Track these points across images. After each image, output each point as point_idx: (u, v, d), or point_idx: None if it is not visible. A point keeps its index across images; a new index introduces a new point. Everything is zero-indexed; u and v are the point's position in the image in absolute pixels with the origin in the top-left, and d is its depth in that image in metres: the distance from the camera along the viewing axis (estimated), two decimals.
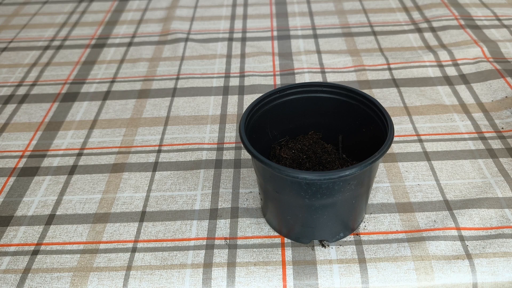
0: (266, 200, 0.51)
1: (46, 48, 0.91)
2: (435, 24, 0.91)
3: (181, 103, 0.74)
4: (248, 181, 0.59)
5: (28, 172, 0.62)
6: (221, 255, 0.50)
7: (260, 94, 0.71)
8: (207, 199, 0.57)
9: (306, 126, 0.57)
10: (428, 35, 0.88)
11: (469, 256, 0.48)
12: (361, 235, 0.51)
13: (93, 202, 0.57)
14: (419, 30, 0.90)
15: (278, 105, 0.54)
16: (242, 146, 0.58)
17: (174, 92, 0.76)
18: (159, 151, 0.64)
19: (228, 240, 0.52)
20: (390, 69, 0.78)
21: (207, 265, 0.49)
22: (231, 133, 0.67)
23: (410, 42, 0.86)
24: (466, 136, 0.64)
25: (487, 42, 0.83)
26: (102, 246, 0.52)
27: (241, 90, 0.75)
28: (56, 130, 0.69)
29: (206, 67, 0.82)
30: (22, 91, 0.79)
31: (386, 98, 0.72)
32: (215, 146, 0.65)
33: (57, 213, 0.56)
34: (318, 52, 0.84)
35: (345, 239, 0.51)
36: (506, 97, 0.70)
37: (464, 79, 0.75)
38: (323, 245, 0.50)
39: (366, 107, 0.52)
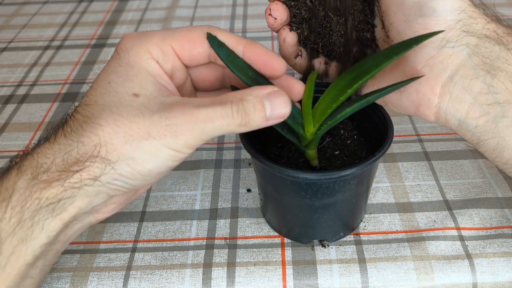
0: (266, 200, 0.51)
1: (46, 48, 0.91)
2: None
3: None
4: (248, 181, 0.59)
5: None
6: (221, 255, 0.50)
7: None
8: (207, 199, 0.57)
9: None
10: None
11: (469, 256, 0.48)
12: (361, 235, 0.51)
13: None
14: None
15: None
16: (242, 146, 0.58)
17: None
18: None
19: (227, 240, 0.52)
20: None
21: (207, 265, 0.49)
22: None
23: None
24: None
25: None
26: (102, 246, 0.52)
27: None
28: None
29: None
30: (22, 91, 0.79)
31: None
32: (215, 146, 0.65)
33: None
34: None
35: (345, 239, 0.51)
36: None
37: None
38: (323, 245, 0.50)
39: (365, 107, 0.51)
